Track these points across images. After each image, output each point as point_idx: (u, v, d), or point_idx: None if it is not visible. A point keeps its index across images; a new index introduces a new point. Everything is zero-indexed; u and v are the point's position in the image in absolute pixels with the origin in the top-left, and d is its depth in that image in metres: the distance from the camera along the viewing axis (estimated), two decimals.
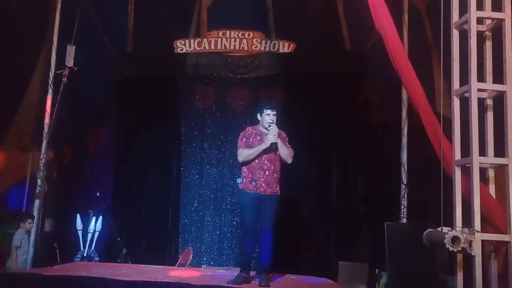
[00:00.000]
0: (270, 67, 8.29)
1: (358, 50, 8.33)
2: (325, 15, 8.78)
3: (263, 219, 5.23)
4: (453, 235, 4.16)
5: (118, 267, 6.40)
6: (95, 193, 7.87)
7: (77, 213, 7.68)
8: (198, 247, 7.96)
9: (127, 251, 7.64)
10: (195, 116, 8.41)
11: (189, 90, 8.48)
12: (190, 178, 8.26)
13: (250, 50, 8.40)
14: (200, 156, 8.29)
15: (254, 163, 5.28)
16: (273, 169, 5.23)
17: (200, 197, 8.19)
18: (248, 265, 5.33)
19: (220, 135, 8.30)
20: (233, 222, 8.02)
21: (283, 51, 8.37)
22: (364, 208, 7.91)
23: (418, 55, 7.22)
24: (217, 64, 8.36)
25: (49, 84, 7.61)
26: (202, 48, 8.44)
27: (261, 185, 5.20)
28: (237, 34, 8.43)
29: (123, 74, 8.51)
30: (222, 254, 7.95)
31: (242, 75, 8.35)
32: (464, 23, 4.62)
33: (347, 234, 7.68)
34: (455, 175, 4.55)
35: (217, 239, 8.04)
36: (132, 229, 8.09)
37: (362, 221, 7.84)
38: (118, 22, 8.76)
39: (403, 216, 7.12)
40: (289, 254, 7.14)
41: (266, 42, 8.42)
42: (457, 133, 4.56)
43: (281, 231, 5.57)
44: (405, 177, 7.24)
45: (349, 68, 8.14)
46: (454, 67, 4.61)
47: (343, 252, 7.32)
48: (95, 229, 7.66)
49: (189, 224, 8.13)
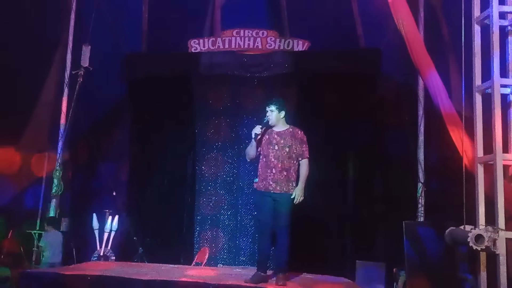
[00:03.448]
0: (285, 65, 8.25)
1: (373, 48, 8.26)
2: (340, 13, 8.72)
3: (277, 218, 5.22)
4: (477, 233, 4.09)
5: (135, 266, 6.40)
6: (111, 193, 7.89)
7: (94, 212, 7.69)
8: (214, 246, 7.97)
9: (143, 250, 7.64)
10: (210, 115, 8.42)
11: (204, 90, 8.48)
12: (205, 178, 8.27)
13: (265, 49, 8.37)
14: (215, 156, 8.29)
15: (262, 161, 5.30)
16: (280, 167, 5.21)
17: (215, 197, 8.19)
18: (264, 264, 5.31)
19: (234, 135, 8.29)
20: (249, 221, 8.00)
21: (298, 49, 8.34)
22: (381, 206, 7.82)
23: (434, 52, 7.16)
24: (231, 63, 8.34)
25: (65, 84, 7.65)
26: (216, 47, 8.43)
27: (269, 183, 5.20)
28: (251, 33, 8.41)
29: (137, 73, 8.52)
30: (238, 253, 7.94)
31: (256, 74, 8.32)
32: (486, 18, 4.55)
33: (364, 233, 7.61)
34: (477, 173, 4.48)
35: (233, 238, 8.04)
36: (148, 228, 8.10)
37: (379, 219, 7.76)
38: (132, 22, 8.80)
39: (421, 215, 7.06)
40: (306, 253, 7.08)
41: (281, 40, 8.38)
42: (479, 130, 4.49)
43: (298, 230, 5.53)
44: (422, 175, 7.18)
45: (364, 66, 8.05)
46: (475, 63, 4.54)
47: (361, 251, 7.27)
48: (111, 228, 7.67)
49: (204, 224, 8.15)
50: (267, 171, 5.24)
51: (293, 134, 5.31)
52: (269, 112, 5.30)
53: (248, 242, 7.96)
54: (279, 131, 5.32)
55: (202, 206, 8.18)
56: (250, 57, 8.37)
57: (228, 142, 8.32)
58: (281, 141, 5.27)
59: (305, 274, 6.00)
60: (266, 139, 5.30)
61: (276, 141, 5.27)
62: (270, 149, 5.26)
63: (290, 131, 5.33)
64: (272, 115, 5.28)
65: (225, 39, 8.42)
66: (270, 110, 5.29)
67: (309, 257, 7.16)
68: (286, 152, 5.24)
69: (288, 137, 5.28)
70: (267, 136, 5.31)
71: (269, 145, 5.28)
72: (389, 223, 7.45)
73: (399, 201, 7.51)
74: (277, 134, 5.31)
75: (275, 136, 5.29)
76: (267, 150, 5.28)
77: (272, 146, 5.26)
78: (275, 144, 5.26)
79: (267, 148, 5.28)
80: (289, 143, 5.25)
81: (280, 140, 5.27)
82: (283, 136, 5.29)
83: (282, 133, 5.31)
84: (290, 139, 5.27)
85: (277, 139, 5.28)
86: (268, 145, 5.28)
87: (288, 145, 5.25)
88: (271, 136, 5.30)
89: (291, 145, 5.25)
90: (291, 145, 5.25)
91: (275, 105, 5.29)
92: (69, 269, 5.65)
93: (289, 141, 5.26)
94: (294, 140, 5.28)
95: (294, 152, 5.26)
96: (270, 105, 5.31)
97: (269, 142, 5.28)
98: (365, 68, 8.03)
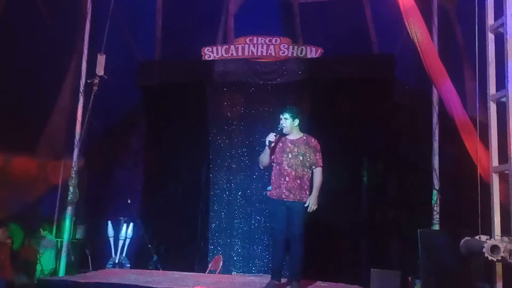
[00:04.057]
0: (298, 72, 8.25)
1: (386, 54, 8.25)
2: (353, 19, 8.73)
3: (291, 226, 5.22)
4: (492, 244, 4.03)
5: (150, 274, 6.45)
6: (126, 200, 7.94)
7: (109, 220, 7.75)
8: (228, 254, 7.96)
9: (158, 257, 7.68)
10: (223, 122, 8.44)
11: (217, 97, 8.50)
12: (219, 185, 8.28)
13: (278, 56, 8.38)
14: (229, 163, 8.30)
15: (276, 169, 5.31)
16: (293, 175, 5.21)
17: (229, 204, 8.20)
18: (279, 272, 5.31)
19: (248, 142, 8.30)
20: (263, 229, 7.99)
21: (311, 56, 8.33)
22: (395, 214, 7.78)
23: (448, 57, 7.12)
24: (245, 70, 8.35)
25: (80, 92, 7.71)
26: (230, 54, 8.46)
27: (283, 191, 5.20)
28: (264, 40, 8.41)
29: (151, 81, 8.57)
30: (252, 261, 7.93)
31: (270, 81, 8.33)
32: (500, 26, 4.51)
33: (379, 241, 7.58)
34: (492, 182, 4.43)
35: (247, 246, 8.03)
36: (162, 235, 8.13)
37: (394, 227, 7.71)
38: (146, 30, 8.89)
39: (436, 223, 6.99)
40: (321, 261, 7.07)
41: (294, 47, 8.38)
42: (494, 139, 4.44)
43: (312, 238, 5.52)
44: (437, 183, 7.12)
45: (378, 72, 8.02)
46: (490, 72, 4.50)
47: (375, 259, 7.21)
48: (126, 236, 7.72)
49: (219, 231, 8.15)
50: (280, 179, 5.24)
51: (307, 143, 5.30)
52: (283, 120, 5.30)
53: (262, 250, 7.94)
54: (293, 139, 5.32)
55: (216, 213, 8.19)
56: (264, 65, 8.38)
57: (241, 149, 8.32)
58: (294, 149, 5.26)
59: (320, 282, 6.00)
60: (280, 147, 5.30)
61: (290, 149, 5.27)
62: (283, 157, 5.26)
63: (304, 139, 5.33)
64: (286, 123, 5.28)
65: (238, 46, 8.45)
66: (284, 118, 5.29)
67: (323, 265, 7.15)
68: (300, 160, 5.23)
69: (302, 145, 5.28)
70: (280, 144, 5.31)
71: (282, 153, 5.28)
72: (404, 231, 7.40)
73: (414, 208, 7.44)
74: (291, 142, 5.30)
75: (289, 144, 5.29)
76: (280, 158, 5.28)
77: (286, 154, 5.26)
78: (288, 152, 5.26)
79: (281, 156, 5.28)
80: (303, 151, 5.25)
81: (293, 148, 5.27)
82: (297, 144, 5.29)
83: (296, 141, 5.31)
84: (304, 148, 5.27)
85: (290, 147, 5.28)
86: (282, 153, 5.28)
87: (302, 153, 5.25)
88: (285, 144, 5.30)
89: (305, 153, 5.25)
90: (305, 154, 5.25)
91: (289, 113, 5.29)
92: (85, 277, 5.71)
93: (303, 150, 5.25)
94: (308, 149, 5.27)
95: (307, 160, 5.25)
96: (284, 113, 5.30)
97: (282, 150, 5.28)
98: (379, 74, 7.99)
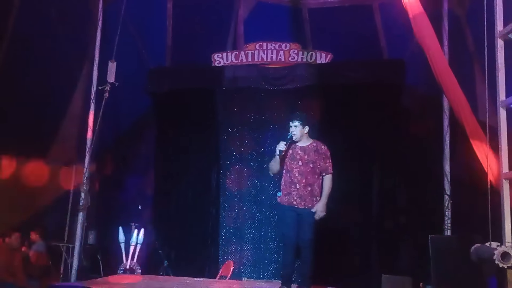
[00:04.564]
0: (308, 78, 8.22)
1: (396, 59, 8.21)
2: (362, 25, 8.71)
3: (301, 232, 5.22)
4: (503, 251, 4.02)
5: (161, 280, 6.49)
6: (137, 206, 7.97)
7: (120, 225, 7.78)
8: (239, 259, 7.98)
9: (168, 263, 7.70)
10: (234, 128, 8.46)
11: (227, 103, 8.53)
12: (229, 190, 8.29)
13: (287, 62, 8.37)
14: (239, 168, 8.31)
15: (286, 176, 5.31)
16: (304, 183, 5.22)
17: (239, 210, 8.22)
18: (289, 278, 5.31)
19: (258, 147, 8.32)
20: (273, 234, 7.99)
21: (320, 61, 8.31)
22: (406, 219, 7.74)
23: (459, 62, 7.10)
24: (255, 76, 8.35)
25: (91, 99, 7.78)
26: (240, 60, 8.48)
27: (294, 198, 5.22)
28: (274, 46, 8.41)
29: (162, 88, 8.60)
30: (262, 267, 7.93)
31: (279, 87, 8.31)
32: (509, 32, 4.50)
33: (390, 247, 7.54)
34: (503, 189, 4.41)
35: (257, 252, 8.03)
36: (173, 241, 8.14)
37: (404, 233, 7.68)
38: (157, 37, 8.93)
39: (447, 228, 6.96)
40: (331, 267, 7.05)
41: (303, 53, 8.38)
42: (504, 145, 4.42)
43: (322, 244, 5.52)
44: (448, 188, 7.09)
45: (387, 77, 7.97)
46: (499, 78, 4.49)
47: (386, 265, 7.17)
48: (137, 241, 7.74)
49: (229, 237, 8.17)
50: (291, 186, 5.25)
51: (317, 149, 5.31)
52: (293, 128, 5.29)
53: (273, 255, 7.94)
54: (303, 146, 5.32)
55: (226, 219, 8.21)
56: (273, 70, 8.38)
57: (251, 155, 8.34)
58: (305, 156, 5.27)
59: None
60: (290, 154, 5.31)
61: (300, 157, 5.28)
62: (294, 164, 5.27)
63: (314, 145, 5.33)
64: (296, 130, 5.28)
65: (248, 52, 8.46)
66: (294, 125, 5.29)
67: (334, 270, 7.14)
68: (310, 168, 5.24)
69: (312, 152, 5.28)
70: (290, 151, 5.32)
71: (292, 161, 5.29)
72: (415, 236, 7.37)
73: (425, 214, 7.41)
74: (301, 149, 5.31)
75: (299, 152, 5.30)
76: (291, 165, 5.29)
77: (296, 161, 5.27)
78: (299, 159, 5.27)
79: (291, 163, 5.29)
80: (313, 158, 5.26)
81: (304, 155, 5.27)
82: (307, 151, 5.29)
83: (306, 148, 5.31)
84: (314, 155, 5.27)
85: (300, 154, 5.29)
86: (292, 161, 5.29)
87: (312, 160, 5.25)
88: (295, 151, 5.30)
89: (315, 160, 5.26)
90: (315, 161, 5.26)
91: (299, 121, 5.28)
92: (96, 283, 5.74)
93: (313, 157, 5.26)
94: (318, 156, 5.28)
95: (318, 167, 5.26)
96: (294, 120, 5.30)
97: (292, 157, 5.29)
98: (389, 79, 7.94)
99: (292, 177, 5.26)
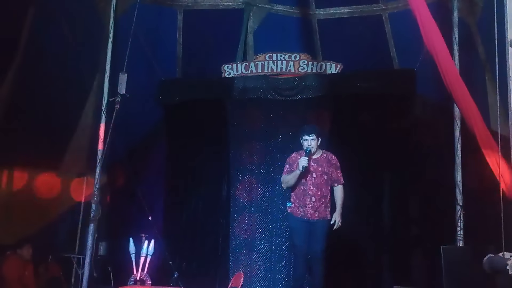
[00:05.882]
0: (318, 88, 8.23)
1: (406, 69, 8.19)
2: (372, 35, 8.70)
3: (313, 244, 5.21)
4: None
5: None
6: (147, 217, 7.97)
7: (130, 237, 7.78)
8: (249, 271, 7.93)
9: (179, 274, 7.67)
10: (244, 139, 8.45)
11: (237, 113, 8.53)
12: (240, 202, 8.27)
13: (297, 72, 8.38)
14: (249, 180, 8.28)
15: (300, 189, 5.30)
16: (319, 195, 5.22)
17: (250, 220, 8.17)
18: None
19: (268, 158, 8.29)
20: (284, 246, 7.92)
21: (330, 72, 8.31)
22: (417, 230, 7.68)
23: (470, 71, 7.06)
24: (264, 87, 8.37)
25: (102, 110, 7.83)
26: (249, 71, 8.50)
27: (308, 210, 5.21)
28: (283, 56, 8.42)
29: (172, 99, 8.66)
30: (273, 278, 7.87)
31: (289, 97, 8.31)
32: None
33: (401, 257, 7.46)
34: None
35: (268, 263, 7.97)
36: (183, 252, 8.13)
37: (416, 243, 7.60)
38: (167, 49, 8.98)
39: (460, 239, 6.88)
40: (342, 278, 7.00)
41: (313, 63, 8.38)
42: None
43: (333, 255, 5.48)
44: (460, 198, 7.02)
45: (398, 87, 7.96)
46: (510, 86, 4.45)
47: (398, 276, 7.09)
48: (148, 252, 7.72)
49: (239, 248, 8.12)
50: (306, 199, 5.24)
51: (328, 160, 5.32)
52: (309, 141, 5.30)
53: (283, 266, 7.88)
54: (315, 158, 5.33)
55: (237, 230, 8.17)
56: (283, 81, 8.40)
57: (262, 166, 8.31)
58: (318, 168, 5.28)
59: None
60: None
61: (314, 169, 5.28)
62: (307, 177, 5.27)
63: (325, 156, 5.34)
64: (313, 143, 5.29)
65: (258, 63, 8.48)
66: (311, 138, 5.30)
67: (345, 282, 7.08)
68: (325, 179, 5.26)
69: (325, 163, 5.30)
70: None
71: (306, 173, 5.28)
72: (426, 247, 7.29)
73: (437, 224, 7.33)
74: (314, 161, 5.31)
75: (312, 164, 5.30)
76: (305, 178, 5.28)
77: (310, 174, 5.27)
78: (312, 172, 5.27)
79: (305, 176, 5.27)
80: (326, 170, 5.28)
81: (317, 167, 5.28)
82: (319, 163, 5.30)
83: (318, 160, 5.32)
84: (326, 166, 5.29)
85: (314, 166, 5.29)
86: (306, 173, 5.27)
87: (326, 172, 5.27)
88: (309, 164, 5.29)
89: (328, 172, 5.26)
90: (328, 172, 5.27)
91: (315, 133, 5.29)
92: None
93: (326, 168, 5.28)
94: (330, 166, 5.29)
95: (330, 178, 5.26)
96: (311, 133, 5.31)
97: (306, 170, 5.28)
98: (400, 89, 7.94)
99: (307, 189, 5.26)
